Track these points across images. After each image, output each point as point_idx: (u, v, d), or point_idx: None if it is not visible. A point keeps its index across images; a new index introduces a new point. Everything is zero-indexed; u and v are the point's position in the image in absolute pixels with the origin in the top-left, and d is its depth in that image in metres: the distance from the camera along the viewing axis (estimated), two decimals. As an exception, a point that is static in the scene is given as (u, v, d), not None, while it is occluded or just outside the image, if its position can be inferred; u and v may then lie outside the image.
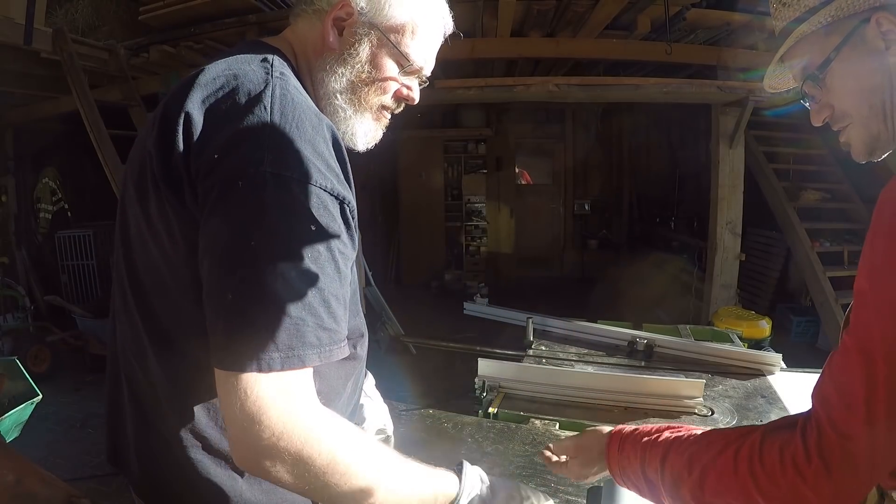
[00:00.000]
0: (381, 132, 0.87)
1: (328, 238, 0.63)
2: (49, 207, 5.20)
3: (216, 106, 0.65)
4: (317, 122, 0.66)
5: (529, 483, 1.05)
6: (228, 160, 0.61)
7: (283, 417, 0.59)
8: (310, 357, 0.60)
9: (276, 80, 0.67)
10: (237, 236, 0.60)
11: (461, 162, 7.37)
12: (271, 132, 0.62)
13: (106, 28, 4.29)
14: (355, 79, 0.79)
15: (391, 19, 0.78)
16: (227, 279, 0.60)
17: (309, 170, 0.62)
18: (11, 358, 2.31)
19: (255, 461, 0.60)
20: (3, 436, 1.90)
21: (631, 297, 4.89)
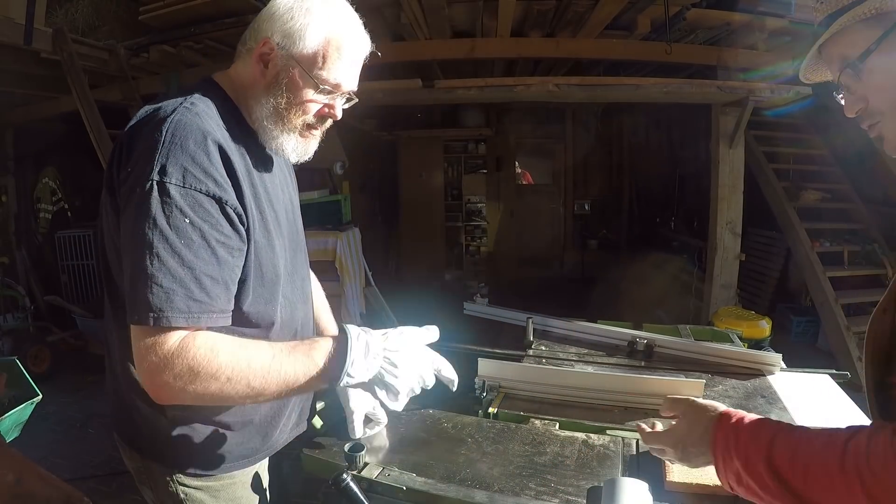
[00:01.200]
0: (313, 145, 1.04)
1: (203, 230, 0.82)
2: (49, 207, 5.19)
3: (137, 132, 0.87)
4: (201, 140, 0.84)
5: (529, 483, 1.05)
6: (133, 172, 0.83)
7: (167, 360, 0.80)
8: (177, 319, 0.80)
9: (181, 110, 0.86)
10: (132, 230, 0.81)
11: (461, 162, 7.37)
12: (162, 149, 0.82)
13: (106, 28, 4.28)
14: (277, 104, 0.94)
15: (305, 49, 0.92)
16: (126, 262, 0.83)
17: (185, 176, 0.81)
18: (11, 358, 2.31)
19: (157, 393, 0.83)
20: (3, 436, 1.90)
21: (631, 297, 4.89)
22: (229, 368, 0.82)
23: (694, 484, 0.99)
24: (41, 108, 4.87)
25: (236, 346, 0.85)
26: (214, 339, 0.84)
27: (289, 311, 1.05)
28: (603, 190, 7.70)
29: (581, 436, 1.24)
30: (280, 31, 0.92)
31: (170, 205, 0.80)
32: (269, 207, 0.98)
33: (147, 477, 1.04)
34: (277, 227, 1.00)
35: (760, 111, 4.28)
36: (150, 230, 0.80)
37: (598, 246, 7.57)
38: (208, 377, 0.81)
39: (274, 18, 0.94)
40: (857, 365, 3.84)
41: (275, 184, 1.04)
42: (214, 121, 0.90)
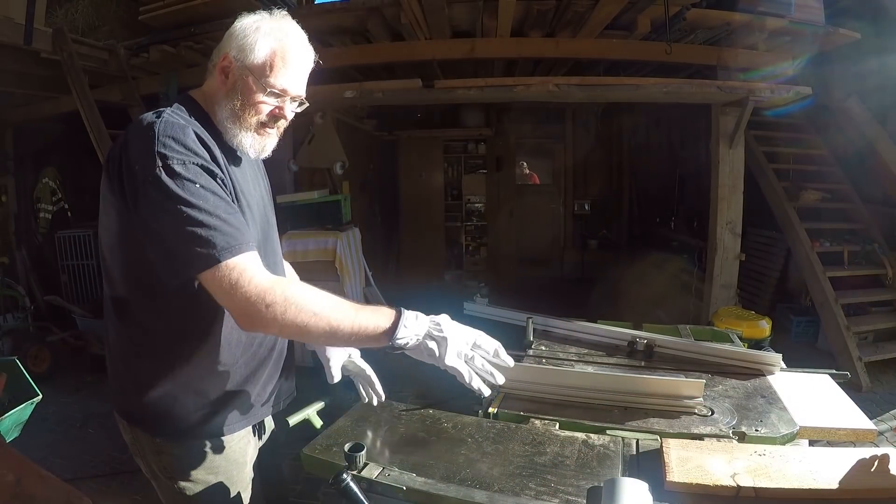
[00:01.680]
0: (271, 143, 1.17)
1: (212, 188, 0.99)
2: (49, 207, 5.19)
3: (132, 137, 1.02)
4: (186, 129, 1.02)
5: (529, 483, 1.05)
6: (139, 169, 0.97)
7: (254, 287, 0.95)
8: (223, 254, 0.95)
9: (165, 115, 1.03)
10: (159, 211, 0.96)
11: (461, 162, 7.37)
12: (157, 143, 0.98)
13: (106, 28, 4.29)
14: (234, 106, 1.10)
15: (256, 60, 1.09)
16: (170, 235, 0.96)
17: (182, 156, 0.98)
18: (11, 358, 2.31)
19: (253, 321, 0.97)
20: (3, 436, 1.90)
21: (631, 297, 4.89)
22: (317, 304, 0.97)
23: (694, 484, 0.99)
24: (41, 108, 4.87)
25: (308, 287, 1.02)
26: (301, 284, 1.02)
27: None
28: (603, 190, 7.70)
29: (581, 436, 1.24)
30: (236, 46, 1.10)
31: (179, 178, 0.96)
32: (242, 195, 1.12)
33: (137, 446, 1.17)
34: (251, 214, 1.14)
35: (760, 111, 4.28)
36: (174, 202, 0.95)
37: (598, 246, 7.56)
38: (295, 304, 0.95)
39: (232, 37, 1.12)
40: (857, 365, 3.85)
41: (246, 179, 1.18)
42: (193, 123, 1.07)
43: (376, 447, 1.19)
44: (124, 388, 1.15)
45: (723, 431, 1.30)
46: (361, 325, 0.99)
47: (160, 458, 1.15)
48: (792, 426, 1.33)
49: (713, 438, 1.26)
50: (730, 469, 1.02)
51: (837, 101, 4.72)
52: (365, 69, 4.67)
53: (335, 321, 0.98)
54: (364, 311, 1.01)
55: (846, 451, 1.13)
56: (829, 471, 1.01)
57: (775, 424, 1.34)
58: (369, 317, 1.00)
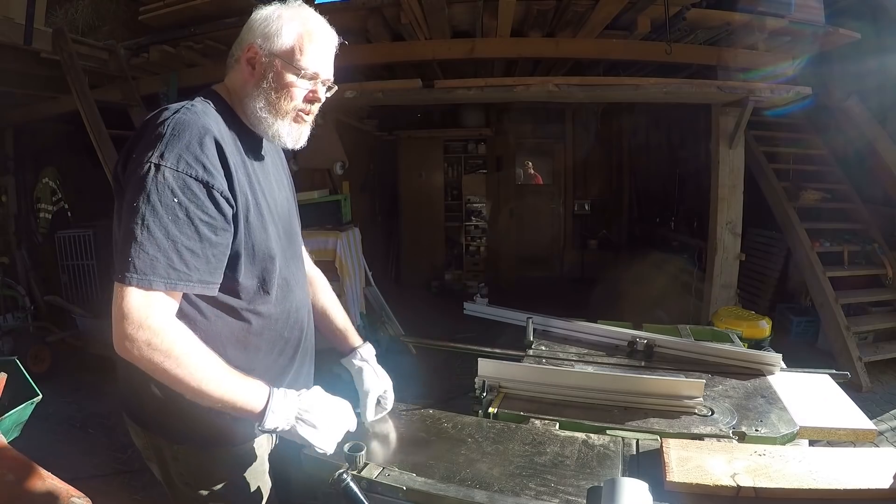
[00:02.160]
0: (306, 131, 1.16)
1: (189, 209, 0.95)
2: (49, 207, 5.19)
3: (143, 129, 1.01)
4: (197, 133, 0.98)
5: (529, 483, 1.04)
6: (136, 159, 0.96)
7: (139, 318, 0.92)
8: (157, 283, 0.93)
9: (183, 110, 1.01)
10: (129, 202, 0.95)
11: (461, 162, 7.36)
12: (163, 140, 0.96)
13: (106, 28, 4.28)
14: (268, 94, 1.09)
15: (282, 46, 1.08)
16: (120, 229, 0.96)
17: (179, 162, 0.95)
18: (11, 358, 2.30)
19: (119, 344, 0.94)
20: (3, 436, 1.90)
21: (631, 297, 4.89)
22: (185, 356, 0.94)
23: (694, 484, 0.99)
24: (41, 108, 4.87)
25: (199, 345, 0.98)
26: (185, 330, 0.98)
27: (284, 292, 1.16)
28: (603, 190, 7.69)
29: (581, 436, 1.24)
30: (260, 34, 1.09)
31: (163, 184, 0.93)
32: (262, 196, 1.11)
33: (152, 452, 1.14)
34: (271, 215, 1.12)
35: (760, 111, 4.28)
36: (144, 204, 0.93)
37: (598, 246, 7.55)
38: (165, 352, 0.93)
39: (253, 28, 1.11)
40: (857, 365, 3.85)
41: (269, 178, 1.17)
42: (213, 119, 1.04)
43: (376, 447, 1.19)
44: (139, 393, 1.11)
45: (723, 431, 1.30)
46: (231, 398, 0.98)
47: (178, 466, 1.12)
48: (792, 426, 1.33)
49: (713, 438, 1.26)
50: (730, 469, 1.02)
51: (837, 101, 4.72)
52: (365, 69, 4.67)
53: (205, 387, 0.96)
54: (238, 385, 0.99)
55: (846, 451, 1.13)
56: (829, 471, 1.01)
57: (775, 424, 1.34)
58: (241, 394, 0.99)
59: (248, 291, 1.09)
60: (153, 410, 1.09)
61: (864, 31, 4.00)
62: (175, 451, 1.11)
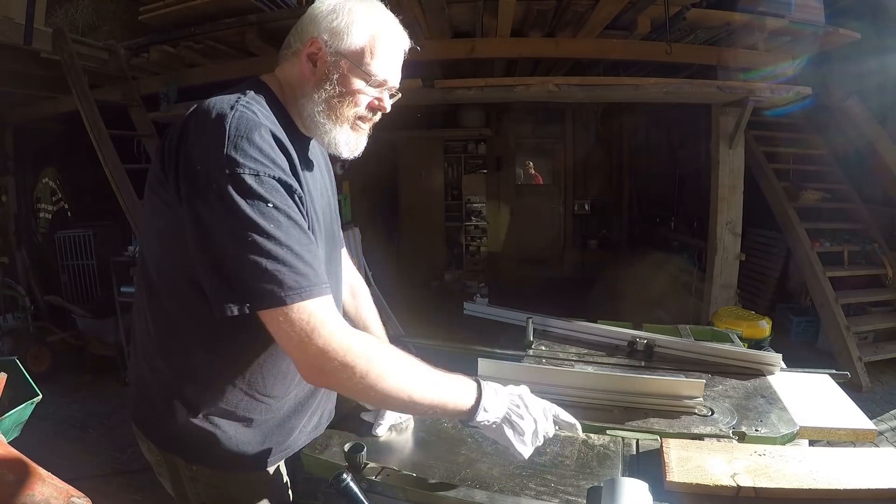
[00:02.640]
0: (363, 140, 1.05)
1: (286, 211, 0.85)
2: (49, 207, 5.19)
3: (196, 129, 0.87)
4: (264, 133, 0.86)
5: (529, 483, 1.04)
6: (203, 167, 0.83)
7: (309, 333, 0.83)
8: (291, 297, 0.82)
9: (239, 108, 0.88)
10: (219, 225, 0.82)
11: (461, 162, 7.37)
12: (229, 144, 0.83)
13: (106, 28, 4.29)
14: (329, 98, 0.98)
15: (352, 45, 0.97)
16: (215, 257, 0.83)
17: (257, 166, 0.84)
18: (11, 358, 2.30)
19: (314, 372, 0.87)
20: (3, 436, 1.90)
21: (631, 297, 4.89)
22: (401, 374, 0.88)
23: (694, 484, 0.99)
24: (41, 108, 4.87)
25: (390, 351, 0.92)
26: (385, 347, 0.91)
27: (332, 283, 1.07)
28: (603, 190, 7.69)
29: (581, 436, 1.24)
30: (327, 29, 0.97)
31: (250, 194, 0.82)
32: (312, 207, 1.00)
33: (165, 469, 1.06)
34: (319, 227, 1.03)
35: (760, 111, 4.28)
36: (240, 221, 0.81)
37: (598, 246, 7.56)
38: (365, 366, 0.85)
39: (318, 20, 0.98)
40: (857, 365, 3.85)
41: (315, 184, 1.07)
42: (270, 119, 0.93)
43: (376, 447, 1.19)
44: (157, 410, 1.02)
45: (723, 431, 1.30)
46: (442, 402, 0.92)
47: (196, 486, 1.05)
48: (792, 426, 1.33)
49: (713, 438, 1.25)
50: (730, 469, 1.02)
51: (837, 101, 4.72)
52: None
53: (417, 396, 0.90)
54: (446, 386, 0.94)
55: (846, 451, 1.13)
56: (829, 471, 1.01)
57: (775, 424, 1.34)
58: (451, 394, 0.94)
59: None
60: (171, 428, 1.01)
61: (864, 31, 4.00)
62: (193, 471, 1.04)
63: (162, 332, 0.99)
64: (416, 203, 7.25)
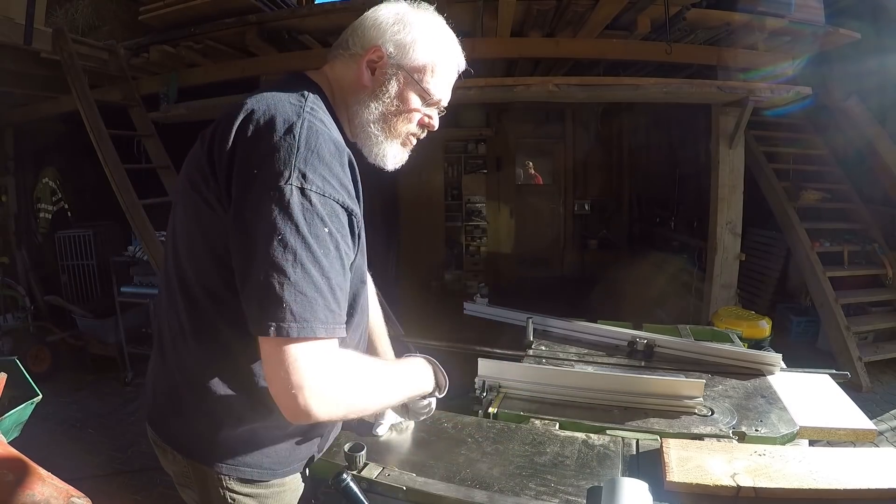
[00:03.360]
0: (407, 155, 1.06)
1: (338, 240, 0.82)
2: (49, 207, 5.19)
3: (257, 131, 0.83)
4: (334, 150, 0.83)
5: (529, 483, 1.04)
6: (263, 173, 0.79)
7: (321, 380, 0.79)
8: (319, 330, 0.78)
9: (307, 115, 0.84)
10: (269, 233, 0.77)
11: (461, 162, 7.36)
12: (298, 155, 0.80)
13: (106, 28, 4.29)
14: (385, 111, 0.97)
15: (415, 61, 0.96)
16: (261, 265, 0.78)
17: (325, 186, 0.80)
18: (11, 358, 2.30)
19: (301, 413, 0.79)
20: (3, 436, 1.90)
21: (631, 297, 4.89)
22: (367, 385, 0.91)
23: (694, 484, 0.99)
24: (41, 108, 4.87)
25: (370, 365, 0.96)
26: (352, 357, 0.90)
27: (361, 316, 1.06)
28: (603, 190, 7.69)
29: (581, 436, 1.24)
30: (392, 41, 0.95)
31: (311, 212, 0.79)
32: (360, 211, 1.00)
33: (192, 479, 1.01)
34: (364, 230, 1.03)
35: (760, 111, 4.28)
36: (293, 236, 0.77)
37: (598, 246, 7.56)
38: (354, 394, 0.87)
39: (382, 28, 0.96)
40: (857, 365, 3.85)
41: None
42: (333, 127, 0.91)
43: (376, 447, 1.19)
44: (186, 418, 0.97)
45: (723, 431, 1.30)
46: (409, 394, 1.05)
47: (224, 496, 1.00)
48: (792, 426, 1.33)
49: (713, 438, 1.26)
50: (730, 469, 1.02)
51: (837, 101, 4.72)
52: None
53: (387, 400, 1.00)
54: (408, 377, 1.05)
55: (846, 451, 1.13)
56: (829, 471, 1.01)
57: (775, 424, 1.34)
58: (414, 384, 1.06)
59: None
60: (205, 436, 0.96)
61: (864, 31, 4.01)
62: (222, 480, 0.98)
63: (204, 341, 0.93)
64: (416, 203, 7.25)
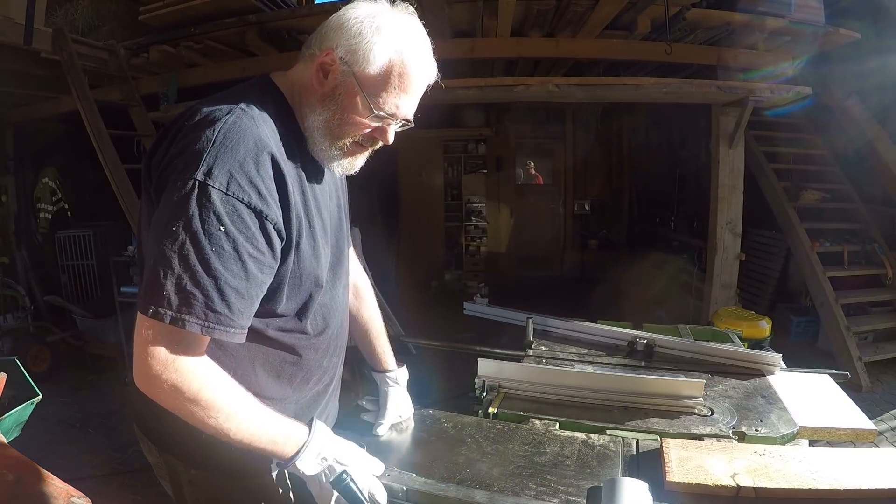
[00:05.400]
0: (360, 161, 1.01)
1: (236, 240, 0.80)
2: (49, 207, 5.19)
3: (189, 127, 0.85)
4: (252, 148, 0.82)
5: (529, 483, 1.04)
6: (177, 165, 0.82)
7: (166, 359, 0.80)
8: (192, 325, 0.79)
9: (237, 112, 0.85)
10: (166, 224, 0.79)
11: (461, 162, 7.36)
12: (211, 151, 0.80)
13: (106, 28, 4.29)
14: (330, 118, 0.92)
15: (367, 70, 0.89)
16: (155, 248, 0.80)
17: (230, 183, 0.80)
18: (11, 358, 2.30)
19: (142, 381, 0.83)
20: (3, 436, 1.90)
21: (631, 297, 4.89)
22: (214, 402, 0.85)
23: (694, 484, 0.99)
24: (41, 108, 4.87)
25: (230, 390, 0.88)
26: (216, 372, 0.87)
27: (326, 320, 1.05)
28: (603, 190, 7.69)
29: (581, 436, 1.24)
30: (346, 45, 0.89)
31: (208, 209, 0.79)
32: (317, 216, 0.97)
33: (165, 471, 1.05)
34: (324, 236, 0.99)
35: (760, 111, 4.28)
36: (184, 230, 0.78)
37: (598, 246, 7.55)
38: (193, 399, 0.83)
39: (342, 30, 0.90)
40: (857, 365, 3.85)
41: (324, 191, 1.02)
42: (269, 126, 0.89)
43: (376, 447, 1.19)
44: (158, 414, 0.96)
45: (723, 431, 1.30)
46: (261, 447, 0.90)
47: (195, 490, 1.03)
48: (792, 426, 1.33)
49: (713, 438, 1.26)
50: (730, 469, 1.02)
51: (837, 101, 4.72)
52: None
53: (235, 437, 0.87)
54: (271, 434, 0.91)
55: (846, 451, 1.13)
56: (829, 471, 1.01)
57: (775, 424, 1.34)
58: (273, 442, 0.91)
59: (287, 321, 0.98)
60: (173, 432, 0.98)
61: (864, 31, 4.01)
62: (192, 475, 1.02)
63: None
64: (416, 203, 7.24)
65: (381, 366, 1.31)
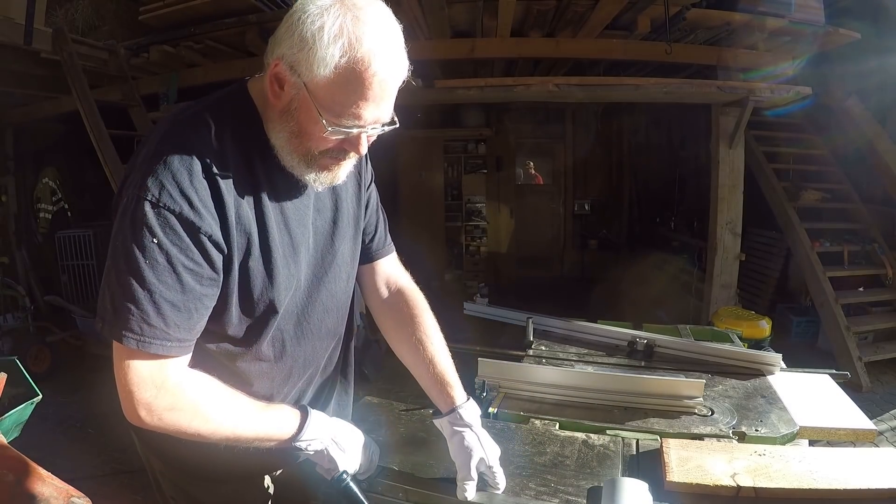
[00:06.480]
0: (343, 171, 0.91)
1: (170, 252, 0.77)
2: (49, 207, 5.19)
3: (149, 134, 0.87)
4: (189, 161, 0.78)
5: (529, 483, 1.04)
6: (124, 178, 0.83)
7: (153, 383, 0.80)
8: (128, 340, 0.77)
9: (185, 120, 0.83)
10: (112, 235, 0.80)
11: (461, 162, 7.36)
12: (147, 164, 0.78)
13: (106, 28, 4.29)
14: (291, 133, 0.84)
15: (317, 77, 0.77)
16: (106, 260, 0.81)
17: (161, 194, 0.76)
18: (11, 358, 2.30)
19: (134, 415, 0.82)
20: (3, 436, 1.90)
21: (631, 297, 4.89)
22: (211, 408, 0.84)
23: (694, 484, 0.99)
24: (41, 108, 4.87)
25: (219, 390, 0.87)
26: (201, 378, 0.86)
27: (280, 346, 0.97)
28: (603, 190, 7.69)
29: (581, 436, 1.24)
30: (292, 52, 0.78)
31: (140, 222, 0.76)
32: (280, 233, 0.89)
33: (156, 479, 1.07)
34: (292, 255, 0.91)
35: (760, 111, 4.28)
36: (120, 244, 0.78)
37: (598, 246, 7.55)
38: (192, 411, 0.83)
39: (288, 34, 0.79)
40: (857, 365, 3.85)
41: (302, 205, 0.93)
42: (223, 138, 0.83)
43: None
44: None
45: (723, 431, 1.30)
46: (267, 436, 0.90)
47: (165, 482, 1.06)
48: (792, 426, 1.33)
49: (713, 438, 1.25)
50: (730, 469, 1.02)
51: (837, 101, 4.72)
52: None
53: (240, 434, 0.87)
54: (272, 421, 0.90)
55: (846, 451, 1.13)
56: (829, 471, 1.01)
57: (775, 424, 1.34)
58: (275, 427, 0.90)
59: (237, 345, 0.93)
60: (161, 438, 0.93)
61: (864, 31, 4.01)
62: (163, 469, 1.04)
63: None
64: (416, 203, 7.24)
65: (441, 399, 1.08)
